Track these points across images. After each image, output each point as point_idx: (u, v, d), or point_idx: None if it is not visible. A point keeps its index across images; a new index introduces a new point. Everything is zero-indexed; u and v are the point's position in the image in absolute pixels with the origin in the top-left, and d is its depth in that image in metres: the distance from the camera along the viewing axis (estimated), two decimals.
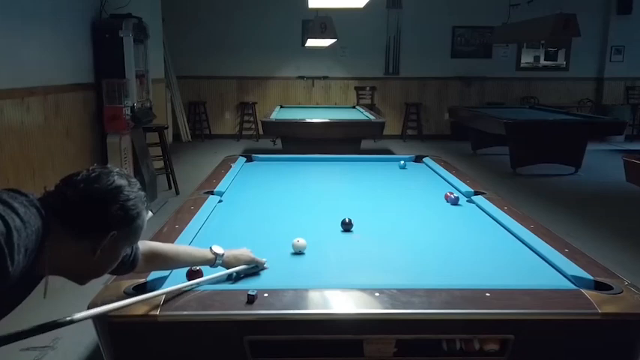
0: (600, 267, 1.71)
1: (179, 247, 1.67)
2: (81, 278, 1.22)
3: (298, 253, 1.88)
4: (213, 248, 1.60)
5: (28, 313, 2.91)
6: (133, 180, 1.18)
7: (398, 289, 1.48)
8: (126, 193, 1.13)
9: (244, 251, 1.66)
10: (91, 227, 1.11)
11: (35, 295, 1.21)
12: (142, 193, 1.19)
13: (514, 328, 1.39)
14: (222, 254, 1.60)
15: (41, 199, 1.10)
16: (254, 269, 1.67)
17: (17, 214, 1.01)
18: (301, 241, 1.88)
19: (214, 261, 1.59)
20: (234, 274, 1.62)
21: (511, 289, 1.52)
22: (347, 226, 2.16)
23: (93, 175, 1.12)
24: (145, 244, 1.46)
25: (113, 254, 1.19)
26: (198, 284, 1.50)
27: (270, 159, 3.91)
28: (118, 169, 1.17)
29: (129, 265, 1.39)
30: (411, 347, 1.41)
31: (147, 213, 1.20)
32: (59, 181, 1.13)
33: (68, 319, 1.13)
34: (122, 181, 1.14)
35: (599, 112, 9.30)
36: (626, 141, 9.29)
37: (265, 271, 1.70)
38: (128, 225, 1.14)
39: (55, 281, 1.17)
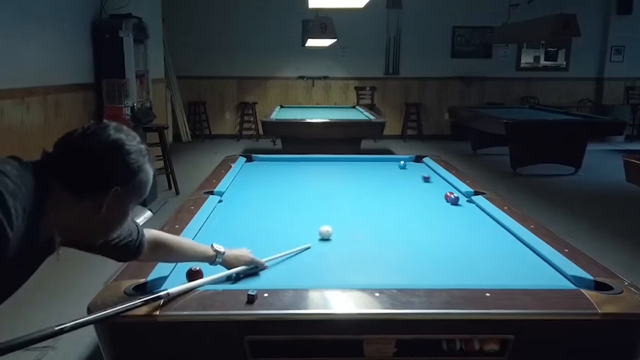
0: (600, 267, 1.71)
1: (183, 240, 1.67)
2: (92, 238, 1.20)
3: (326, 239, 2.01)
4: (214, 246, 1.60)
5: (31, 313, 2.91)
6: (132, 134, 1.15)
7: (398, 289, 1.48)
8: (125, 147, 1.10)
9: (244, 252, 1.67)
10: (91, 184, 1.08)
11: (37, 295, 1.20)
12: (143, 147, 1.15)
13: (514, 328, 1.39)
14: (223, 252, 1.61)
15: (39, 162, 1.08)
16: (254, 270, 1.67)
17: (9, 177, 0.99)
18: (325, 229, 2.01)
19: (214, 258, 1.60)
20: (234, 274, 1.63)
21: (511, 289, 1.52)
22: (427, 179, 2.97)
23: (89, 131, 1.10)
24: (150, 233, 1.47)
25: (120, 211, 1.15)
26: (198, 286, 1.50)
27: (270, 159, 3.90)
28: (115, 124, 1.13)
29: (134, 251, 1.39)
30: (411, 347, 1.41)
31: (150, 169, 1.16)
32: (56, 140, 1.11)
33: (81, 321, 1.14)
34: (120, 135, 1.11)
35: (599, 112, 9.30)
36: (626, 141, 9.29)
37: (265, 270, 1.70)
38: (130, 180, 1.11)
39: (55, 282, 1.17)
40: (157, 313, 1.35)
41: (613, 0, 9.67)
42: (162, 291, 1.41)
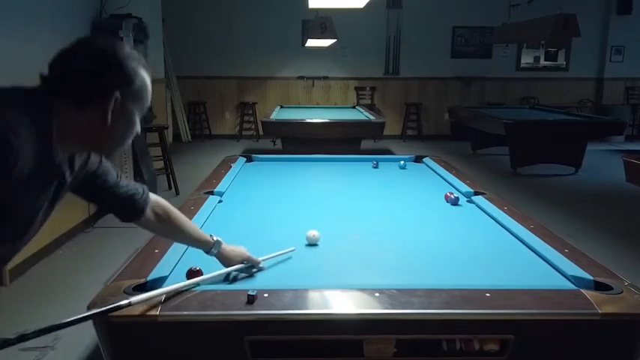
0: (600, 267, 1.71)
1: (185, 217, 1.64)
2: (104, 151, 1.23)
3: (313, 244, 1.94)
4: (213, 236, 1.62)
5: (32, 313, 2.90)
6: (120, 42, 1.17)
7: (398, 289, 1.48)
8: (117, 53, 1.12)
9: (242, 249, 1.67)
10: (91, 94, 1.09)
11: (38, 295, 1.20)
12: (135, 52, 1.17)
13: (514, 329, 1.39)
14: (222, 243, 1.62)
15: (37, 87, 1.10)
16: (249, 270, 1.67)
17: (9, 100, 1.02)
18: (313, 234, 1.95)
19: (212, 247, 1.61)
20: (232, 273, 1.63)
21: (511, 289, 1.52)
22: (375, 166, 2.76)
23: (80, 44, 1.12)
24: (156, 198, 1.50)
25: (126, 119, 1.16)
26: (198, 284, 1.50)
27: (270, 159, 3.91)
28: (103, 36, 1.17)
29: (140, 207, 1.42)
30: (411, 347, 1.41)
31: (146, 75, 1.17)
32: (49, 62, 1.13)
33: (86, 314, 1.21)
34: (109, 43, 1.13)
35: (599, 112, 9.31)
36: (626, 141, 9.29)
37: (265, 271, 1.70)
38: (128, 83, 1.12)
39: (56, 282, 1.16)
40: (157, 312, 1.35)
41: (613, 0, 9.68)
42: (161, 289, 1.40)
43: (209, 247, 1.61)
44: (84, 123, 1.11)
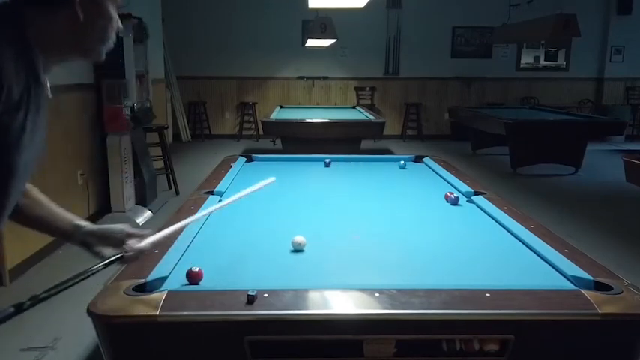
0: (600, 267, 1.70)
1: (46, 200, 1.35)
2: (89, 50, 1.16)
3: (298, 250, 1.89)
4: (80, 222, 1.34)
5: (31, 313, 2.89)
6: None
7: (398, 289, 1.48)
8: None
9: (115, 229, 1.33)
10: None
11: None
12: None
13: (514, 329, 1.39)
14: (84, 227, 1.32)
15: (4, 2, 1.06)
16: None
17: None
18: (298, 239, 1.89)
19: (70, 235, 1.34)
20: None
21: (511, 289, 1.52)
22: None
23: None
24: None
25: (99, 10, 1.11)
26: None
27: (270, 159, 3.91)
28: None
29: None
30: (411, 347, 1.42)
31: None
32: None
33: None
34: None
35: (599, 112, 9.31)
36: (626, 141, 9.30)
37: (265, 270, 1.70)
38: None
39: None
40: (157, 313, 1.35)
41: (613, 0, 9.68)
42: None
43: (68, 236, 1.34)
44: (58, 26, 1.06)
